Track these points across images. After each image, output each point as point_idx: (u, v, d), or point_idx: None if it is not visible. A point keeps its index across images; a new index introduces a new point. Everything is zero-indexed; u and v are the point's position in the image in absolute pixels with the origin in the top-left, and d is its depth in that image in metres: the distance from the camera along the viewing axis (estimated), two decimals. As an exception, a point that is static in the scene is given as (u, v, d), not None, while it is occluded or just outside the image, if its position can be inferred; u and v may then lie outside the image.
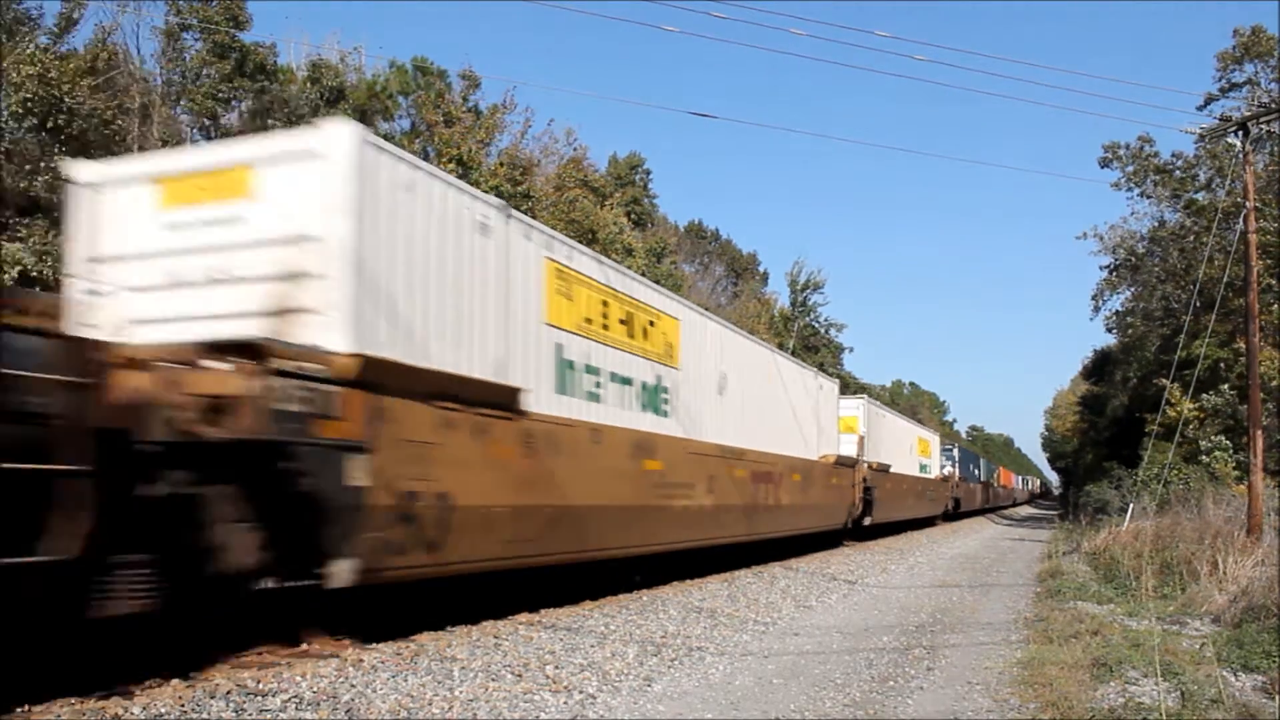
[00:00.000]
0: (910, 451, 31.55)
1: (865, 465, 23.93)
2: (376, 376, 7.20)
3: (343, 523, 6.91)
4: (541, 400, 9.63)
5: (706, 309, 17.18)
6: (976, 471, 52.61)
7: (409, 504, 7.54)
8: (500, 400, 8.88)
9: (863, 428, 24.56)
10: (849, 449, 22.91)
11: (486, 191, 24.22)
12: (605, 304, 11.38)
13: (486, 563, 8.83)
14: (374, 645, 7.49)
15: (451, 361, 8.33)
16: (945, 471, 39.23)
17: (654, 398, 12.49)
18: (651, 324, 12.64)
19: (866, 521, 24.00)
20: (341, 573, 6.90)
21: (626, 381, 11.72)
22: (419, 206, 8.07)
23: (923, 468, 33.82)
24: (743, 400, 15.72)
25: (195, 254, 7.69)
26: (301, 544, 6.82)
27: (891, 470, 27.06)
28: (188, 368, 6.58)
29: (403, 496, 7.46)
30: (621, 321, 11.77)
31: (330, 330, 7.09)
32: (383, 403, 7.28)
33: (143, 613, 5.87)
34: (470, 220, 8.79)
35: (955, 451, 44.55)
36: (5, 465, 4.87)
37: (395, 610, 8.16)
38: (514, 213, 9.82)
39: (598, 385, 10.99)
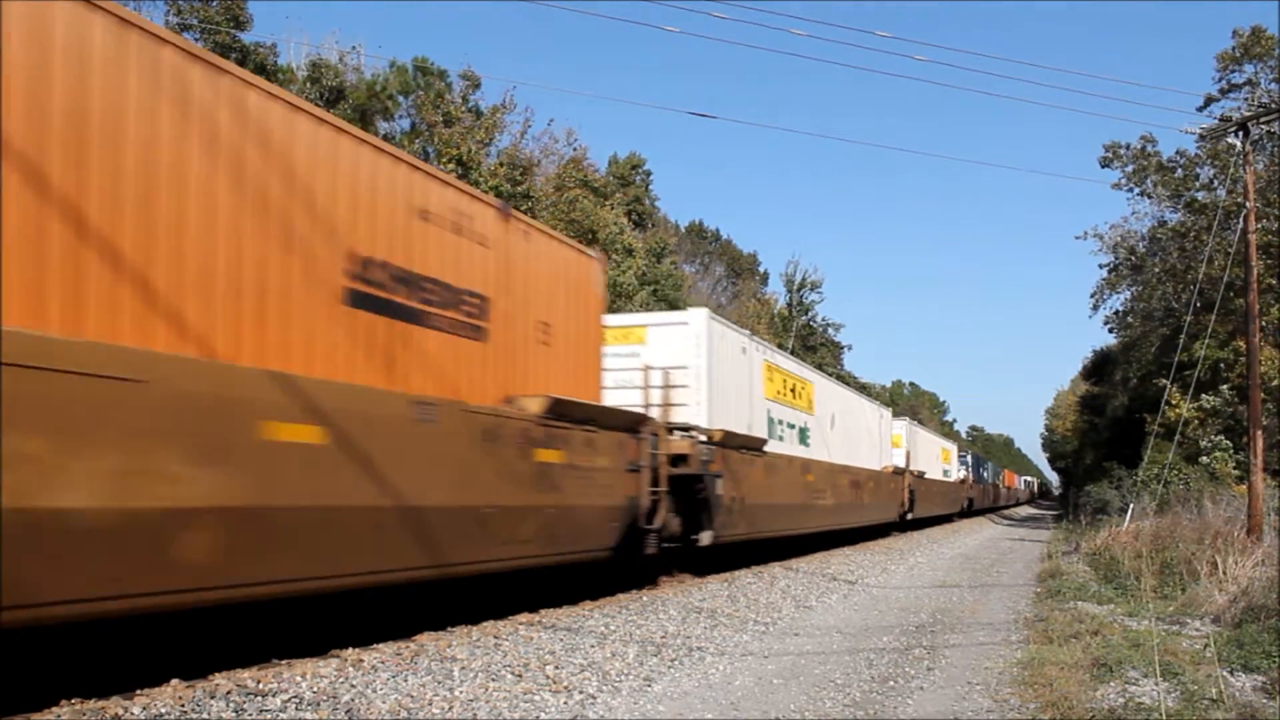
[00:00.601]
0: (937, 460, 38.93)
1: (909, 473, 30.35)
2: (723, 439, 13.89)
3: (714, 513, 13.50)
4: (768, 444, 16.46)
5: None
6: (985, 474, 60.41)
7: (734, 503, 14.33)
8: (756, 446, 15.75)
9: (906, 443, 30.98)
10: (898, 460, 29.42)
11: (486, 192, 24.40)
12: (785, 380, 18.33)
13: (760, 533, 15.90)
14: (374, 646, 7.50)
15: (736, 425, 14.80)
16: (960, 475, 45.80)
17: (804, 435, 19.37)
18: (801, 387, 19.56)
19: (909, 516, 30.08)
20: (705, 538, 13.37)
21: (792, 426, 18.59)
22: (725, 345, 14.89)
23: (945, 473, 40.74)
24: (844, 430, 22.62)
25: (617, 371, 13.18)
26: (693, 524, 13.26)
27: (926, 476, 33.96)
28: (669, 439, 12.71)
29: (733, 499, 14.27)
30: (791, 390, 18.69)
31: (699, 415, 13.58)
32: (726, 452, 14.08)
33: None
34: (738, 346, 15.59)
35: (969, 457, 51.64)
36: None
37: (711, 561, 14.53)
38: (755, 336, 17.04)
39: (782, 432, 17.83)
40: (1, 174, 5.00)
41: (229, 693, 5.73)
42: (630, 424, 11.23)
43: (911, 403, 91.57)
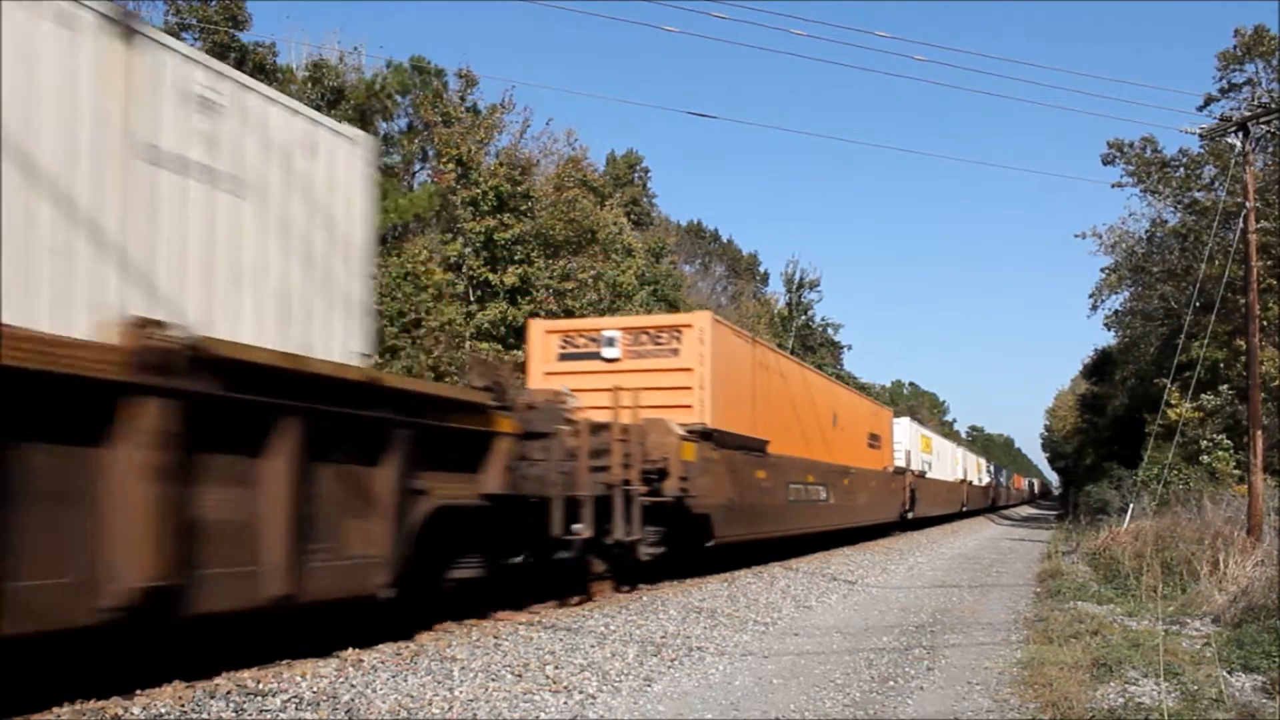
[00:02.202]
0: (974, 469, 43.38)
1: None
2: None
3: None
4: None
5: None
6: (1003, 479, 69.67)
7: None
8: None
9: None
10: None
11: (486, 191, 24.42)
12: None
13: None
14: (374, 646, 7.50)
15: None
16: (987, 480, 53.50)
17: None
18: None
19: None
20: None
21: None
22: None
23: (978, 479, 47.02)
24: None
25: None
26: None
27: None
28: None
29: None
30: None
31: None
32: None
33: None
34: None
35: (993, 466, 58.72)
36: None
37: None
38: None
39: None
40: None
41: (229, 693, 5.73)
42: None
43: (911, 402, 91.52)
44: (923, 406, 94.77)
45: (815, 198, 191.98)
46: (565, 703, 6.18)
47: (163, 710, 5.31)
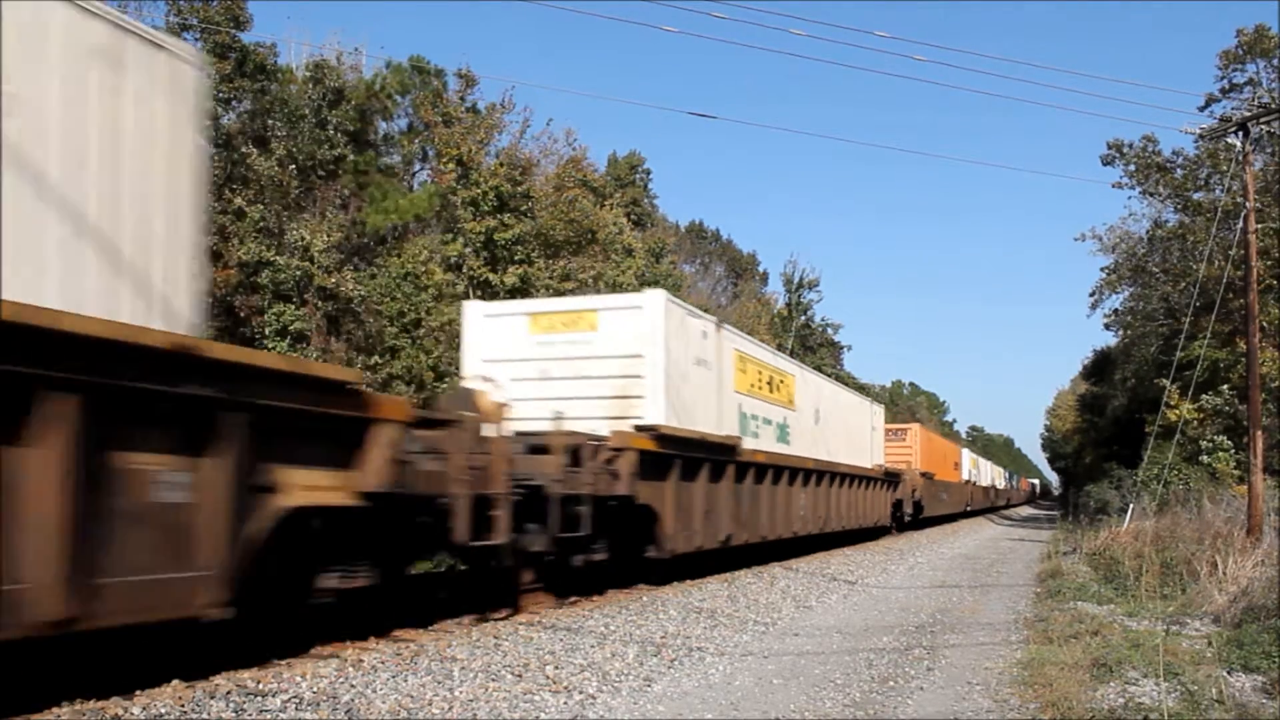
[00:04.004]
0: (994, 476, 48.78)
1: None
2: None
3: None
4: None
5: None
6: (1014, 482, 77.26)
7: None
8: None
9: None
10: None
11: (486, 191, 24.39)
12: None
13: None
14: (374, 646, 7.50)
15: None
16: (1005, 484, 61.67)
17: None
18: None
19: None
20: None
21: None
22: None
23: (1000, 482, 53.17)
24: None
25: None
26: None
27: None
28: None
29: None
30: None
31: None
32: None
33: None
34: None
35: (1009, 472, 68.89)
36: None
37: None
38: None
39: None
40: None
41: (229, 693, 5.73)
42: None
43: (911, 403, 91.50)
44: (922, 406, 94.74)
45: (815, 198, 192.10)
46: (565, 703, 6.18)
47: (163, 710, 5.31)
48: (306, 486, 6.47)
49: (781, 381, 17.85)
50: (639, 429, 11.37)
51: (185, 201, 6.49)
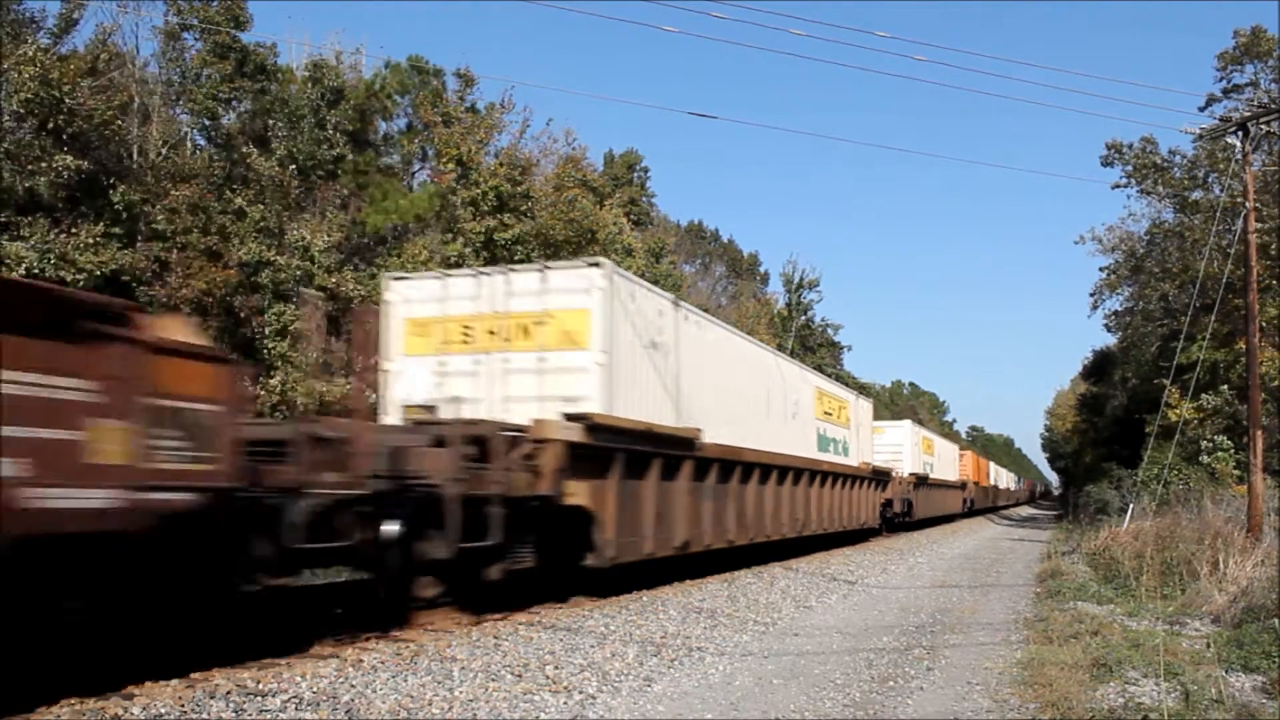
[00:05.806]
0: (1011, 480, 52.99)
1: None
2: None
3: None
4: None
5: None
6: (1018, 480, 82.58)
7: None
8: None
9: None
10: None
11: (486, 191, 24.39)
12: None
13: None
14: (374, 646, 7.50)
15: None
16: (1020, 486, 67.13)
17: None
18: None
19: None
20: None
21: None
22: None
23: (1013, 484, 59.06)
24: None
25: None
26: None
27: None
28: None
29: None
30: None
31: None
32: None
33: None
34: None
35: (1019, 476, 75.77)
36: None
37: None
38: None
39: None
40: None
41: (229, 693, 5.73)
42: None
43: (911, 402, 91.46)
44: (923, 406, 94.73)
45: (816, 198, 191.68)
46: (565, 703, 6.18)
47: (163, 710, 5.31)
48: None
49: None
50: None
51: None
